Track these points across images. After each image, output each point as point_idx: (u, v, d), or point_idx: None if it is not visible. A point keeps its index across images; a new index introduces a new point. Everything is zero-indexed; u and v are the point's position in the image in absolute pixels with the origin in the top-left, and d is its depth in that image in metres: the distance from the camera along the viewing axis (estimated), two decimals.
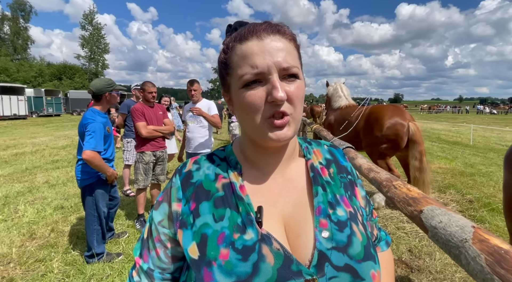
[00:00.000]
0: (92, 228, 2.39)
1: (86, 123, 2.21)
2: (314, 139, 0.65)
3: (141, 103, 3.20)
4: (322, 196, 0.51)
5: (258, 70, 0.44)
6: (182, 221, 0.49)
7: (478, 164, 6.40)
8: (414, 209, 1.03)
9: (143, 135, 3.05)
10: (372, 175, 1.60)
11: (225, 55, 0.49)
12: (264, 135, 0.46)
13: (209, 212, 0.48)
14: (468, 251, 0.72)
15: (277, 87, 0.44)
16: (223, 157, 0.56)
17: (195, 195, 0.50)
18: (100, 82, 2.39)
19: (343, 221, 0.49)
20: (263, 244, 0.44)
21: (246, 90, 0.45)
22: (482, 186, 4.75)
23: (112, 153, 2.47)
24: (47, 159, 6.70)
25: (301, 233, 0.48)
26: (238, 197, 0.49)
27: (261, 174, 0.53)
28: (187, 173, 0.54)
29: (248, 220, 0.46)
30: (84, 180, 2.31)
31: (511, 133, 13.47)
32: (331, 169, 0.58)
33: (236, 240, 0.45)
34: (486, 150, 8.58)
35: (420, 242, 2.78)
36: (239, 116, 0.50)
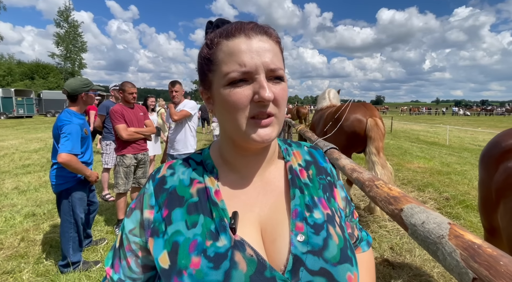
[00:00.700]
0: (67, 235, 2.27)
1: (62, 125, 2.10)
2: (294, 141, 0.64)
3: (120, 105, 3.09)
4: (299, 198, 0.50)
5: (246, 69, 0.43)
6: (154, 229, 0.47)
7: (453, 163, 6.71)
8: (395, 207, 1.05)
9: (124, 138, 2.95)
10: (355, 175, 1.62)
11: (209, 50, 0.47)
12: (247, 135, 0.45)
13: (182, 219, 0.46)
14: (444, 247, 0.74)
15: (265, 87, 0.43)
16: (200, 161, 0.54)
17: (167, 202, 0.48)
18: (75, 82, 2.28)
19: (320, 224, 0.48)
20: (235, 250, 0.43)
21: (231, 88, 0.44)
22: (457, 184, 4.98)
23: (90, 156, 2.36)
24: (17, 163, 6.32)
25: (276, 237, 0.46)
26: (212, 202, 0.47)
27: (239, 178, 0.52)
28: (161, 178, 0.52)
29: (221, 226, 0.45)
30: (60, 185, 2.19)
31: (483, 133, 14.26)
32: (310, 171, 0.56)
33: (208, 248, 0.43)
34: (460, 149, 9.03)
35: (401, 240, 2.87)
36: (221, 115, 0.48)
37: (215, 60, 0.46)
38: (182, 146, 3.22)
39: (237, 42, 0.44)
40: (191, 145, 3.26)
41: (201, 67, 0.50)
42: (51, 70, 39.73)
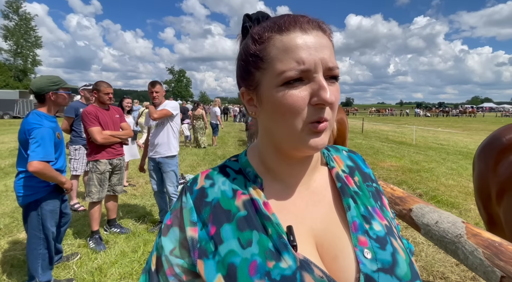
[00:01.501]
0: (36, 253, 2.03)
1: (31, 129, 1.87)
2: (331, 145, 0.60)
3: (94, 106, 2.86)
4: (355, 209, 0.46)
5: (305, 66, 0.38)
6: (201, 249, 0.41)
7: (421, 161, 7.18)
8: (403, 208, 1.06)
9: (99, 141, 2.72)
10: None
11: (259, 46, 0.42)
12: (302, 142, 0.40)
13: (234, 237, 0.41)
14: (465, 246, 0.75)
15: (326, 88, 0.38)
16: (238, 169, 0.49)
17: (213, 217, 0.43)
18: (41, 80, 2.04)
19: (382, 237, 0.44)
20: (303, 272, 0.38)
21: (286, 88, 0.39)
22: (427, 180, 5.33)
23: (64, 162, 2.14)
24: None
25: (338, 254, 0.42)
26: (264, 216, 0.42)
27: (284, 187, 0.47)
28: (200, 190, 0.46)
29: (281, 244, 0.40)
30: (28, 196, 1.95)
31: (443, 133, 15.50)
32: (356, 177, 0.52)
33: (271, 269, 0.38)
34: (426, 148, 9.70)
35: None
36: (270, 119, 0.43)
37: (266, 57, 0.41)
38: (165, 149, 3.06)
39: (293, 37, 0.39)
40: (174, 147, 3.11)
41: (245, 65, 0.44)
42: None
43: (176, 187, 3.15)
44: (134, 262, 2.57)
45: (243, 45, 0.45)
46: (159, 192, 3.23)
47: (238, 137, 12.00)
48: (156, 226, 3.29)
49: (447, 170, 6.26)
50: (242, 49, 0.45)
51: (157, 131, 3.08)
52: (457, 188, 4.82)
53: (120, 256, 2.67)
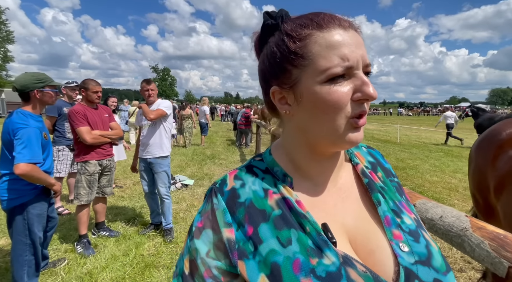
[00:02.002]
0: (22, 260, 1.92)
1: (16, 129, 1.76)
2: None
3: (82, 105, 2.75)
4: (385, 204, 0.46)
5: (349, 63, 0.39)
6: (240, 250, 0.41)
7: (406, 159, 7.43)
8: None
9: (88, 142, 2.62)
10: None
11: (299, 43, 0.41)
12: (343, 137, 0.41)
13: (272, 236, 0.41)
14: (471, 238, 0.78)
15: (369, 84, 0.39)
16: (265, 168, 0.49)
17: (248, 217, 0.43)
18: (26, 77, 1.93)
19: (414, 230, 0.45)
20: (347, 267, 0.38)
21: (329, 85, 0.39)
22: (413, 178, 5.51)
23: (51, 163, 2.04)
24: None
25: (374, 248, 0.42)
26: (299, 214, 0.42)
27: (312, 185, 0.47)
28: (231, 191, 0.46)
29: (321, 241, 0.40)
30: (12, 200, 1.84)
31: (424, 131, 16.10)
32: (379, 173, 0.53)
33: (316, 266, 0.38)
34: (409, 146, 10.05)
35: None
36: (310, 117, 0.42)
37: (307, 54, 0.40)
38: (157, 149, 2.99)
39: (334, 34, 0.40)
40: (166, 147, 3.05)
41: (280, 63, 0.43)
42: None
43: (168, 188, 3.09)
44: (126, 265, 2.50)
45: (275, 43, 0.44)
46: (150, 193, 3.15)
47: (226, 137, 11.94)
48: (147, 228, 3.21)
49: (430, 167, 6.50)
50: (275, 47, 0.43)
51: (150, 131, 3.00)
52: (441, 184, 5.02)
53: (110, 260, 2.59)
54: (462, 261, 2.51)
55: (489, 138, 1.54)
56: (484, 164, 1.48)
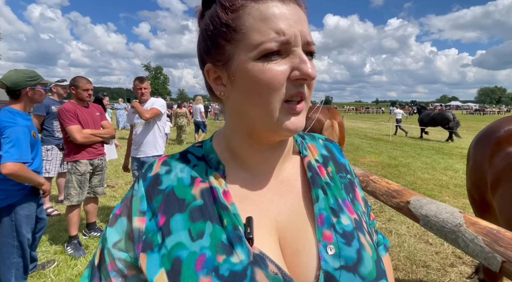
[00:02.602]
0: (9, 262, 1.87)
1: (4, 128, 1.71)
2: (307, 133, 0.56)
3: (72, 103, 2.69)
4: (324, 201, 0.43)
5: (285, 38, 0.35)
6: (146, 241, 0.38)
7: (398, 157, 7.54)
8: (400, 200, 1.09)
9: (79, 141, 2.56)
10: None
11: (231, 15, 0.37)
12: (279, 123, 0.37)
13: (184, 228, 0.38)
14: (464, 234, 0.78)
15: (307, 61, 0.36)
16: (201, 155, 0.45)
17: (164, 206, 0.39)
18: (17, 74, 1.88)
19: (349, 232, 0.41)
20: (256, 267, 0.35)
21: (265, 62, 0.35)
22: (405, 175, 5.60)
23: (40, 163, 1.99)
24: None
25: (300, 248, 0.39)
26: (221, 206, 0.39)
27: (249, 176, 0.44)
28: (154, 177, 0.42)
29: (235, 236, 0.37)
30: (1, 201, 1.79)
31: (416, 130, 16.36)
32: (329, 168, 0.49)
33: (221, 264, 0.35)
34: (402, 144, 10.19)
35: None
36: (244, 99, 0.38)
37: (240, 27, 0.36)
38: (150, 148, 2.95)
39: (271, 6, 0.36)
40: (160, 146, 3.01)
41: (213, 36, 0.39)
42: None
43: None
44: None
45: (209, 15, 0.40)
46: None
47: None
48: None
49: (422, 164, 6.61)
50: (208, 19, 0.39)
51: (144, 130, 2.96)
52: (432, 181, 5.11)
53: None
54: (453, 256, 2.56)
55: (487, 135, 1.53)
56: (482, 161, 1.48)
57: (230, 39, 0.37)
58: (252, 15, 0.36)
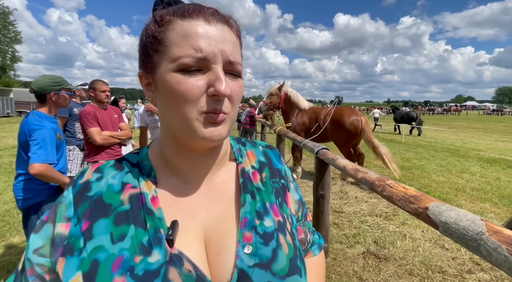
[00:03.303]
0: None
1: (32, 131, 1.81)
2: (249, 140, 0.60)
3: (92, 105, 2.79)
4: (250, 205, 0.46)
5: (202, 54, 0.38)
6: (68, 246, 0.39)
7: (412, 159, 7.38)
8: (418, 206, 1.09)
9: (98, 142, 2.66)
10: (360, 175, 1.67)
11: (158, 28, 0.40)
12: (195, 132, 0.40)
13: (106, 232, 0.39)
14: (487, 243, 0.78)
15: (222, 79, 0.39)
16: (136, 162, 0.47)
17: (89, 212, 0.41)
18: (44, 79, 1.98)
19: (270, 233, 0.45)
20: (171, 266, 0.38)
21: (182, 75, 0.38)
22: (419, 177, 5.48)
23: (65, 164, 2.08)
24: None
25: (221, 249, 0.42)
26: (147, 210, 0.41)
27: (182, 182, 0.46)
28: (84, 184, 0.43)
29: (155, 238, 0.39)
30: (28, 199, 1.89)
31: (430, 131, 15.97)
32: (264, 173, 0.52)
33: (137, 264, 0.37)
34: (415, 146, 9.98)
35: (382, 233, 3.05)
36: (164, 106, 0.41)
37: (164, 40, 0.40)
38: None
39: (194, 25, 0.39)
40: None
41: (144, 46, 0.42)
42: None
43: None
44: None
45: (145, 28, 0.43)
46: None
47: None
48: None
49: (436, 166, 6.46)
50: (143, 30, 0.44)
51: (155, 132, 3.03)
52: (448, 184, 4.99)
53: None
54: (470, 262, 2.50)
55: None
56: None
57: (156, 50, 0.41)
58: (175, 31, 0.39)
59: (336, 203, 4.04)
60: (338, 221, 3.41)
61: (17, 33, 38.58)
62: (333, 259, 2.58)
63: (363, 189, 4.62)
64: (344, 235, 3.03)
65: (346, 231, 3.14)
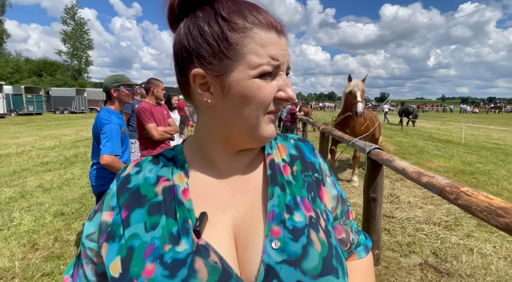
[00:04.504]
0: None
1: (102, 125, 2.01)
2: (281, 134, 0.59)
3: (147, 102, 3.01)
4: (279, 198, 0.45)
5: (278, 63, 0.42)
6: (110, 233, 0.43)
7: (475, 162, 6.55)
8: (510, 221, 0.94)
9: (156, 137, 2.87)
10: (425, 179, 1.51)
11: (237, 34, 0.40)
12: (261, 132, 0.43)
13: (141, 221, 0.42)
14: None
15: (290, 85, 0.43)
16: (171, 157, 0.50)
17: (128, 202, 0.45)
18: (108, 78, 2.18)
19: (300, 228, 0.43)
20: (197, 256, 0.39)
21: (261, 81, 0.41)
22: (486, 184, 4.83)
23: (129, 156, 2.28)
24: (36, 160, 6.29)
25: (249, 243, 0.42)
26: (178, 201, 0.43)
27: (215, 175, 0.48)
28: (125, 177, 0.48)
29: (184, 229, 0.41)
30: (99, 186, 2.11)
31: (497, 131, 13.98)
32: (295, 167, 0.51)
33: (166, 253, 0.39)
34: (478, 148, 8.83)
35: (443, 244, 2.75)
36: (234, 108, 0.42)
37: (242, 48, 0.40)
38: None
39: (270, 36, 0.42)
40: None
41: (213, 48, 0.40)
42: (58, 67, 39.87)
43: None
44: None
45: (207, 22, 0.40)
46: None
47: None
48: None
49: (508, 172, 5.63)
50: (207, 27, 0.40)
51: None
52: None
53: None
54: None
55: None
56: None
57: (230, 55, 0.41)
58: (254, 40, 0.41)
59: (386, 207, 3.76)
60: (389, 226, 3.18)
61: (90, 41, 45.26)
62: (385, 268, 2.41)
63: (416, 194, 4.23)
64: (397, 243, 2.81)
65: (398, 238, 2.91)
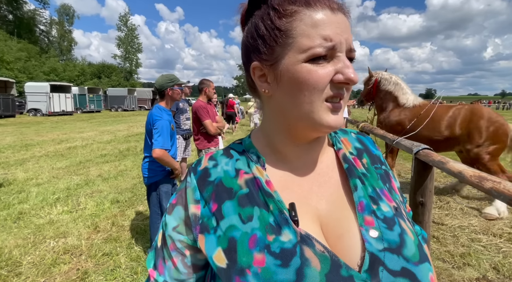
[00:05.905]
0: (155, 226, 2.41)
1: (154, 121, 2.21)
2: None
3: (201, 101, 3.30)
4: (362, 190, 0.45)
5: (332, 43, 0.38)
6: (203, 225, 0.44)
7: None
8: None
9: (212, 132, 3.20)
10: (488, 185, 1.37)
11: (284, 19, 0.40)
12: (319, 120, 0.41)
13: (235, 213, 0.43)
14: None
15: (350, 67, 0.39)
16: (242, 150, 0.50)
17: (215, 195, 0.45)
18: (162, 78, 2.38)
19: (390, 218, 0.43)
20: (304, 245, 0.39)
21: (311, 65, 0.39)
22: None
23: (175, 150, 2.47)
24: (96, 153, 7.11)
25: (343, 233, 0.42)
26: (266, 193, 0.43)
27: (288, 168, 0.48)
28: (203, 170, 0.48)
29: (282, 219, 0.41)
30: (150, 178, 2.33)
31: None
32: (364, 159, 0.52)
33: (271, 243, 0.39)
34: None
35: (505, 259, 2.45)
36: (289, 97, 0.41)
37: (292, 32, 0.39)
38: None
39: (322, 14, 0.39)
40: None
41: (264, 38, 0.42)
42: (113, 69, 44.87)
43: None
44: None
45: (260, 16, 0.43)
46: None
47: None
48: None
49: None
50: (260, 20, 0.42)
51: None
52: None
53: None
54: None
55: None
56: None
57: (280, 42, 0.40)
58: (303, 21, 0.39)
59: (434, 212, 3.47)
60: (438, 234, 2.93)
61: (139, 45, 51.47)
62: None
63: (470, 200, 3.81)
64: (448, 253, 2.58)
65: (449, 247, 2.67)
